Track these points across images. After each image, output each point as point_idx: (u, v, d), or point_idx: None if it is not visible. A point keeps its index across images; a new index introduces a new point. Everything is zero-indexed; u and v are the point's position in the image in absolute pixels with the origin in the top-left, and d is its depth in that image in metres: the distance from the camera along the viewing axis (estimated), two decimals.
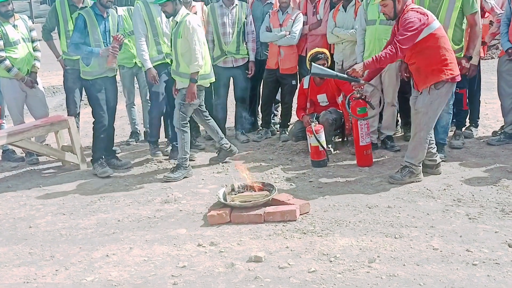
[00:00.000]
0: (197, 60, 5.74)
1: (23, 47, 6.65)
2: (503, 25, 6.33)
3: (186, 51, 5.79)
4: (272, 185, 5.13)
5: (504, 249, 3.93)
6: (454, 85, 5.31)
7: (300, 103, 6.81)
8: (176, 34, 5.82)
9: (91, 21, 6.04)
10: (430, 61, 5.12)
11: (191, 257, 4.10)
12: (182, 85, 5.95)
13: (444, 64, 5.12)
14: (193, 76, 5.81)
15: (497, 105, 6.84)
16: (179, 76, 5.95)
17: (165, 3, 5.78)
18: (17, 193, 5.87)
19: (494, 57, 11.15)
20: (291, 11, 7.02)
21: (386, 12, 5.24)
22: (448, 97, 5.37)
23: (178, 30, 5.78)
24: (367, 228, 4.41)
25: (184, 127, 5.95)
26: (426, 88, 5.19)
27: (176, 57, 5.91)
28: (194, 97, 5.85)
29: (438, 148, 5.90)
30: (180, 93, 5.97)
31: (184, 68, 5.86)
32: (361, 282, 3.56)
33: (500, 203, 4.78)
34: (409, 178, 5.37)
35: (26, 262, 4.24)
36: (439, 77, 5.12)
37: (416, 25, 4.98)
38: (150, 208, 5.17)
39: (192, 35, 5.72)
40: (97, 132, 6.22)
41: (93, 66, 6.07)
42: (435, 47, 5.09)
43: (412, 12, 5.06)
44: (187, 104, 5.91)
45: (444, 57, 5.12)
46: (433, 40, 5.07)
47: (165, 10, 5.86)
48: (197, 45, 5.74)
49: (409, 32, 4.98)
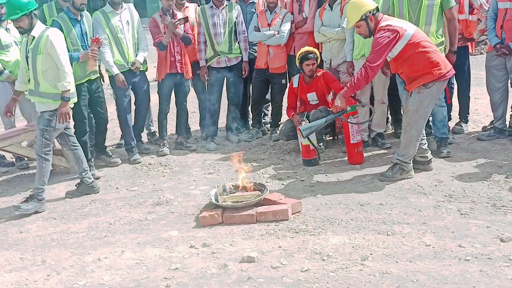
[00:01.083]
0: (67, 76, 5.28)
1: (15, 50, 6.64)
2: (490, 20, 6.35)
3: (49, 68, 5.30)
4: (264, 185, 5.12)
5: (496, 244, 3.94)
6: (445, 82, 5.34)
7: (290, 102, 6.80)
8: (35, 50, 5.27)
9: (66, 26, 6.04)
10: (417, 67, 5.17)
11: (183, 259, 4.08)
12: (43, 107, 5.38)
13: (432, 66, 5.16)
14: (65, 94, 5.30)
15: (487, 100, 6.87)
16: (39, 97, 5.36)
17: (19, 18, 5.24)
18: (7, 198, 5.82)
19: (482, 53, 11.19)
20: (279, 10, 7.02)
21: (361, 32, 5.34)
22: (439, 95, 5.40)
23: (37, 46, 5.26)
24: (359, 226, 4.41)
25: (46, 154, 5.39)
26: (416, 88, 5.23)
27: (34, 76, 5.33)
28: (67, 117, 5.36)
29: (442, 143, 5.92)
30: (41, 117, 5.40)
31: (46, 88, 5.31)
32: (354, 280, 3.56)
33: (491, 198, 4.79)
34: (400, 175, 5.38)
35: (17, 267, 4.21)
36: (429, 79, 5.17)
37: (384, 41, 5.06)
38: (141, 210, 5.15)
39: (57, 51, 5.26)
40: (79, 136, 6.09)
41: (75, 72, 5.88)
42: (417, 53, 5.14)
43: (381, 31, 5.13)
44: (50, 129, 5.36)
45: (430, 59, 5.15)
46: (412, 48, 5.13)
47: (19, 25, 5.30)
48: (64, 60, 5.29)
49: (376, 51, 5.09)
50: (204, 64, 7.11)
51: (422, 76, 5.18)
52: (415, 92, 5.23)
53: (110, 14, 6.52)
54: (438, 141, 6.04)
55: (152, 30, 6.79)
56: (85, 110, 6.24)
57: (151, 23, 6.78)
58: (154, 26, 6.77)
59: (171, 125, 7.54)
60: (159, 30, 6.74)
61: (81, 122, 6.25)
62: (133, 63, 6.56)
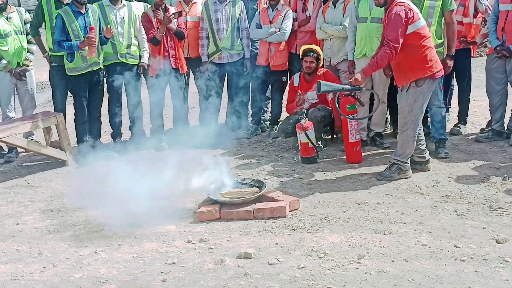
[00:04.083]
0: None
1: (14, 39, 6.67)
2: (491, 23, 6.35)
3: None
4: (262, 182, 5.13)
5: (492, 245, 3.96)
6: (435, 81, 5.35)
7: (291, 99, 6.82)
8: None
9: (68, 18, 6.26)
10: (410, 58, 5.15)
11: (180, 253, 4.09)
12: None
13: (424, 62, 5.15)
14: None
15: (485, 102, 6.88)
16: None
17: None
18: (4, 189, 5.82)
19: (482, 55, 11.19)
20: (281, 7, 7.02)
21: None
22: (431, 94, 5.38)
23: None
24: (356, 224, 4.42)
25: None
26: (406, 85, 5.23)
27: None
28: None
29: (440, 144, 5.92)
30: None
31: None
32: (350, 278, 3.57)
33: (488, 199, 4.81)
34: (397, 175, 5.39)
35: (13, 259, 4.21)
36: (418, 74, 5.16)
37: (402, 17, 4.99)
38: (139, 205, 5.13)
39: None
40: (79, 126, 6.64)
41: (76, 62, 6.29)
42: (417, 45, 5.12)
43: (399, 6, 5.06)
44: None
45: (424, 54, 5.14)
46: (416, 38, 5.10)
47: None
48: None
49: (395, 28, 5.01)
50: (206, 59, 7.11)
51: (412, 69, 5.15)
52: (405, 90, 5.23)
53: (107, 8, 6.63)
54: (436, 142, 6.05)
55: (145, 25, 6.70)
56: (85, 101, 6.50)
57: (144, 19, 6.69)
58: (147, 21, 6.67)
59: (169, 120, 7.53)
60: (152, 25, 6.64)
61: (80, 112, 6.52)
62: (140, 66, 6.85)
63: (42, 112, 7.11)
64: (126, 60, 6.76)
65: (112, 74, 6.70)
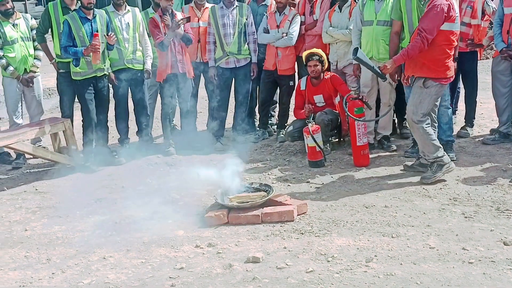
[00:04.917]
0: None
1: (21, 46, 6.70)
2: (496, 25, 6.35)
3: None
4: (270, 186, 5.14)
5: (500, 247, 3.95)
6: (444, 87, 5.34)
7: (298, 103, 6.83)
8: None
9: (75, 24, 6.29)
10: (427, 55, 5.09)
11: (188, 258, 4.10)
12: None
13: (437, 65, 5.14)
14: None
15: (492, 104, 6.87)
16: None
17: None
18: (12, 196, 5.84)
19: (488, 57, 11.17)
20: (288, 12, 7.03)
21: None
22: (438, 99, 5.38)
23: None
24: (364, 227, 4.42)
25: None
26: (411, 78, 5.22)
27: None
28: None
29: (447, 147, 5.88)
30: None
31: None
32: (359, 282, 3.57)
33: (495, 201, 4.80)
34: (441, 172, 5.29)
35: (22, 265, 4.22)
36: (426, 73, 5.15)
37: (444, 10, 4.95)
38: (147, 209, 5.15)
39: None
40: (86, 130, 6.62)
41: (82, 67, 6.39)
42: (440, 45, 5.09)
43: (445, 0, 5.01)
44: None
45: (442, 57, 5.12)
46: (444, 37, 5.08)
47: None
48: None
49: (433, 20, 4.97)
50: (213, 64, 7.13)
51: (422, 65, 5.13)
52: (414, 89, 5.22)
53: (112, 14, 6.67)
54: (444, 144, 6.03)
55: (152, 30, 6.72)
56: (91, 104, 6.53)
57: (151, 24, 6.69)
58: (154, 27, 6.68)
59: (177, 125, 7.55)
60: (159, 30, 6.66)
61: (87, 115, 6.58)
62: (145, 72, 6.88)
63: (49, 118, 7.14)
64: (133, 66, 6.78)
65: (119, 80, 6.73)
